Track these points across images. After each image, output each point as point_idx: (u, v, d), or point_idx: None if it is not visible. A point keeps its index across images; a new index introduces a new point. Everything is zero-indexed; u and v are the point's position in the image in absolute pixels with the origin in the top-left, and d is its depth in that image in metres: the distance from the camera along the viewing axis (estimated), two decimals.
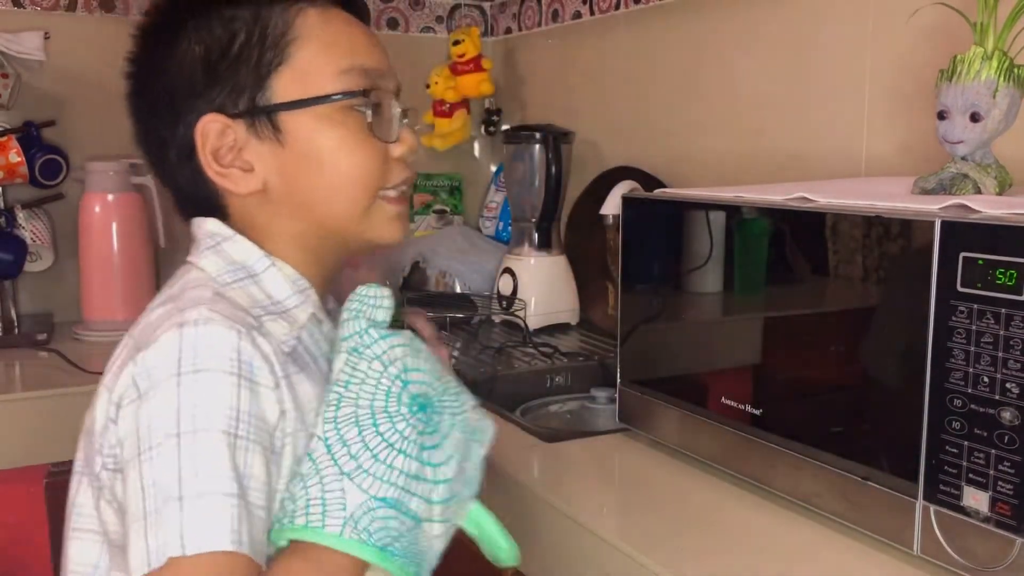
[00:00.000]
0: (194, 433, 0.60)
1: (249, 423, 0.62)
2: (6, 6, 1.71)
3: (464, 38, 1.97)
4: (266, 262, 0.73)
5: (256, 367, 0.63)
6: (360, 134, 0.73)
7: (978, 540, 0.68)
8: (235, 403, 0.61)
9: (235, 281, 0.71)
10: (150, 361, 0.62)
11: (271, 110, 0.71)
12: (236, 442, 0.61)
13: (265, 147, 0.72)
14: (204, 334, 0.62)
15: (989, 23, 0.80)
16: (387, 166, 0.75)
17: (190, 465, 0.59)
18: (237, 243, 0.73)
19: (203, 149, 0.71)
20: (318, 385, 0.70)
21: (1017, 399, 0.66)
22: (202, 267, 0.72)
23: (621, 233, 1.04)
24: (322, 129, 0.71)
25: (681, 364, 1.01)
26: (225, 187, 0.72)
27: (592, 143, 1.79)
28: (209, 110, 0.71)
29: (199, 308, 0.64)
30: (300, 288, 0.74)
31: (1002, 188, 0.83)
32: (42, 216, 1.72)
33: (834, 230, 0.80)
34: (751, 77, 1.41)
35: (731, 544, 0.80)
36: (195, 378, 0.61)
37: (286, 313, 0.72)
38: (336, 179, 0.72)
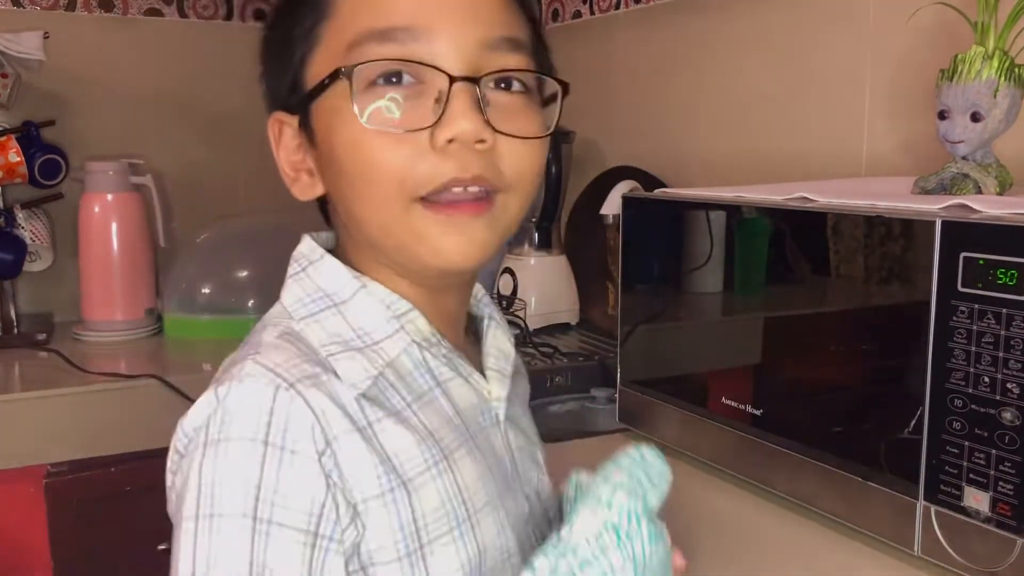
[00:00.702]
0: (211, 518, 0.50)
1: (273, 502, 0.50)
2: (6, 6, 1.71)
3: None
4: (355, 285, 0.60)
5: (293, 430, 0.51)
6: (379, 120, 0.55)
7: (979, 540, 0.68)
8: (257, 478, 0.50)
9: (313, 314, 0.59)
10: (187, 424, 0.54)
11: (302, 104, 0.58)
12: (256, 526, 0.50)
13: (311, 148, 0.60)
14: (237, 395, 0.52)
15: (989, 23, 0.80)
16: (423, 161, 0.54)
17: (204, 556, 0.50)
18: (324, 266, 0.61)
19: (276, 151, 0.62)
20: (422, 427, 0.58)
21: (1017, 399, 0.65)
22: (282, 299, 0.61)
23: (621, 233, 1.04)
24: (331, 121, 0.57)
25: (681, 364, 1.01)
26: (295, 194, 0.62)
27: (592, 143, 1.79)
28: (278, 108, 0.61)
29: (246, 362, 0.54)
30: (397, 312, 0.59)
31: (1003, 188, 0.83)
32: (42, 216, 1.72)
33: (834, 230, 0.80)
34: (751, 77, 1.41)
35: (731, 544, 0.80)
36: (219, 449, 0.51)
37: (372, 347, 0.58)
38: (352, 182, 0.56)
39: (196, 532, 0.50)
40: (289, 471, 0.51)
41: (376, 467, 0.54)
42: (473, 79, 0.55)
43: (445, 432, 0.59)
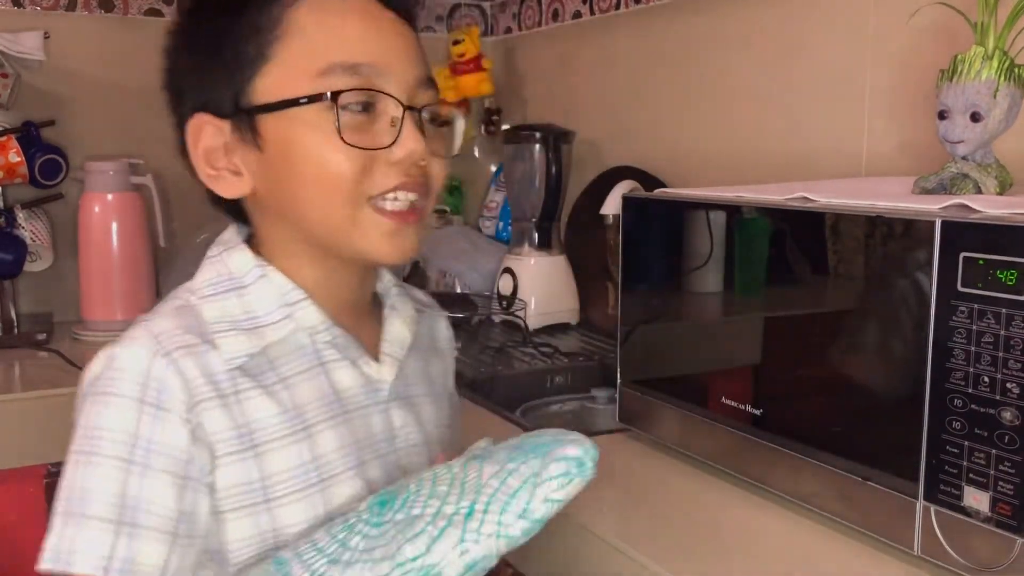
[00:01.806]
0: (88, 454, 0.62)
1: (148, 449, 0.62)
2: (6, 6, 1.71)
3: (464, 38, 1.97)
4: (256, 272, 0.71)
5: (167, 392, 0.63)
6: (330, 138, 0.66)
7: (979, 540, 0.68)
8: (133, 428, 0.62)
9: (216, 294, 0.70)
10: (87, 373, 0.65)
11: (250, 112, 0.68)
12: (130, 467, 0.61)
13: (249, 151, 0.69)
14: (119, 356, 0.64)
15: (989, 23, 0.80)
16: (374, 171, 0.67)
17: (81, 485, 0.61)
18: (236, 253, 0.72)
19: (195, 149, 0.70)
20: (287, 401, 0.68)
21: (1017, 399, 0.66)
22: (196, 276, 0.72)
23: (621, 233, 1.04)
24: (297, 133, 0.67)
25: (681, 364, 1.01)
26: (217, 191, 0.71)
27: (592, 143, 1.79)
28: (200, 110, 0.69)
29: (136, 326, 0.66)
30: (289, 301, 0.70)
31: (1003, 188, 0.83)
32: (42, 216, 1.72)
33: (834, 230, 0.80)
34: (751, 77, 1.41)
35: (731, 544, 0.80)
36: (97, 400, 0.63)
37: (256, 329, 0.69)
38: (310, 187, 0.67)
39: (76, 464, 0.62)
40: (162, 424, 0.62)
41: (231, 431, 0.65)
42: (416, 109, 0.69)
43: (314, 406, 0.69)
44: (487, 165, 2.21)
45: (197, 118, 0.69)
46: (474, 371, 1.39)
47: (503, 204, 2.04)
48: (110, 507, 0.61)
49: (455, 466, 0.65)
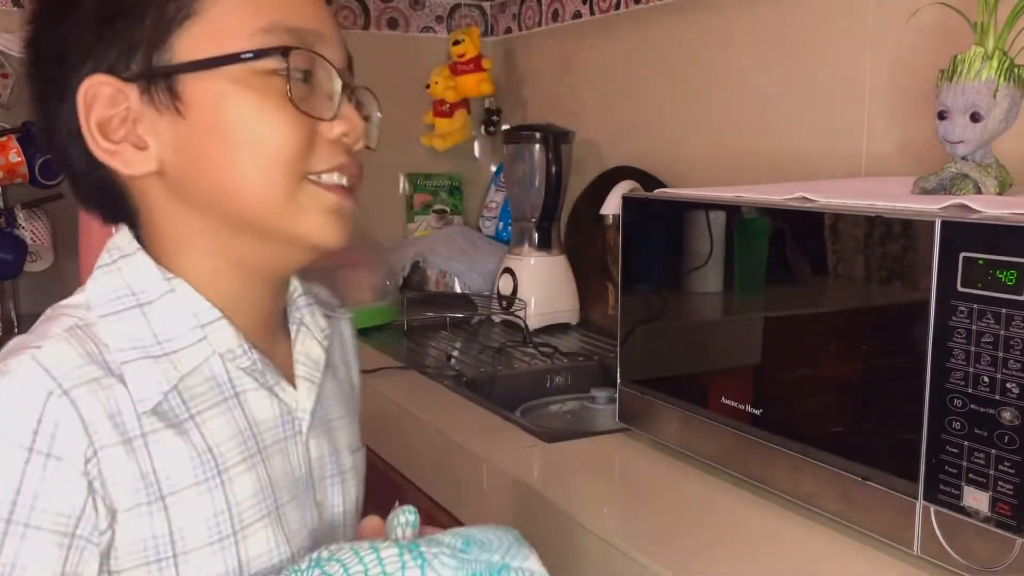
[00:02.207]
0: None
1: (32, 507, 0.51)
2: (6, 6, 1.71)
3: (464, 38, 1.97)
4: (162, 287, 0.60)
5: (61, 438, 0.52)
6: (281, 104, 0.58)
7: (978, 540, 0.68)
8: (17, 482, 0.51)
9: (116, 312, 0.59)
10: None
11: (170, 72, 0.57)
12: (9, 528, 0.51)
13: (163, 119, 0.58)
14: (6, 392, 0.52)
15: (989, 23, 0.80)
16: (317, 146, 0.60)
17: None
18: (135, 262, 0.61)
19: (87, 119, 0.58)
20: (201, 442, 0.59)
21: (1017, 399, 0.66)
22: (86, 290, 0.61)
23: (621, 233, 1.04)
24: (232, 95, 0.57)
25: (681, 364, 1.01)
26: (115, 167, 0.59)
27: (592, 143, 1.79)
28: (97, 71, 0.58)
29: (24, 354, 0.54)
30: (202, 321, 0.60)
31: (1002, 188, 0.83)
32: (42, 216, 1.72)
33: (834, 230, 0.80)
34: (751, 77, 1.41)
35: (731, 544, 0.80)
36: None
37: (172, 354, 0.59)
38: (247, 155, 0.58)
39: None
40: (53, 476, 0.52)
41: (136, 480, 0.55)
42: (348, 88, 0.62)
43: (229, 446, 0.60)
44: (487, 165, 2.21)
45: (93, 80, 0.57)
46: (474, 371, 1.39)
47: (503, 204, 2.04)
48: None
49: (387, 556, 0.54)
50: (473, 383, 1.34)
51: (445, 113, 2.04)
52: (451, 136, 2.06)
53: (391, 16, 2.08)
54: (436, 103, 2.05)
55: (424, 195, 2.14)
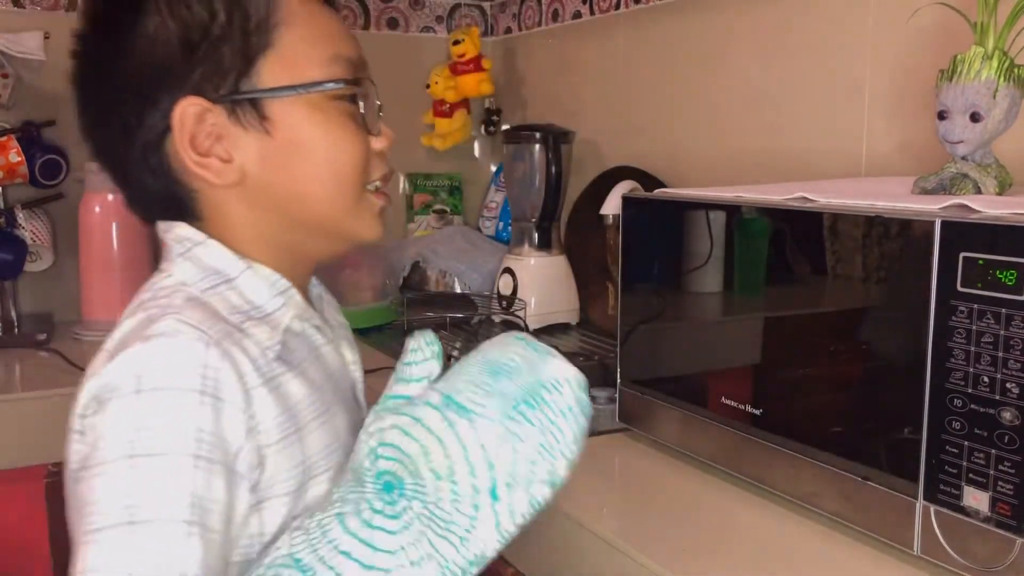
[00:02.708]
0: (150, 456, 0.56)
1: (212, 444, 0.57)
2: (6, 6, 1.71)
3: (464, 38, 1.97)
4: (241, 265, 0.68)
5: (223, 383, 0.59)
6: (346, 124, 0.69)
7: (978, 540, 0.68)
8: (200, 423, 0.57)
9: (212, 287, 0.67)
10: (112, 374, 0.58)
11: (258, 96, 0.66)
12: (198, 463, 0.56)
13: (249, 136, 0.67)
14: (169, 348, 0.59)
15: (989, 23, 0.80)
16: (371, 159, 0.72)
17: (144, 490, 0.55)
18: (209, 248, 0.68)
19: (181, 137, 0.65)
20: (312, 382, 0.68)
21: (1017, 399, 0.66)
22: (173, 274, 0.68)
23: (621, 233, 1.04)
24: (311, 117, 0.67)
25: (681, 364, 1.01)
26: (203, 178, 0.67)
27: (592, 143, 1.79)
28: (188, 93, 0.65)
29: (167, 319, 0.60)
30: (280, 290, 0.70)
31: (1002, 188, 0.83)
32: (42, 216, 1.72)
33: (834, 230, 0.80)
34: (751, 77, 1.41)
35: (731, 544, 0.80)
36: (156, 396, 0.57)
37: (267, 317, 0.68)
38: (326, 170, 0.69)
39: (133, 468, 0.55)
40: (221, 417, 0.59)
41: (278, 416, 0.63)
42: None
43: (326, 387, 0.71)
44: (487, 165, 2.21)
45: (186, 101, 0.65)
46: None
47: (503, 204, 2.04)
48: (186, 508, 0.56)
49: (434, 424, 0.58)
50: None
51: (445, 113, 2.04)
52: (451, 136, 2.06)
53: (391, 16, 2.08)
54: (436, 103, 2.05)
55: (424, 195, 2.14)
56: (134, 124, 0.67)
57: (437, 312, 1.71)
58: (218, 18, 0.66)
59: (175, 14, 0.65)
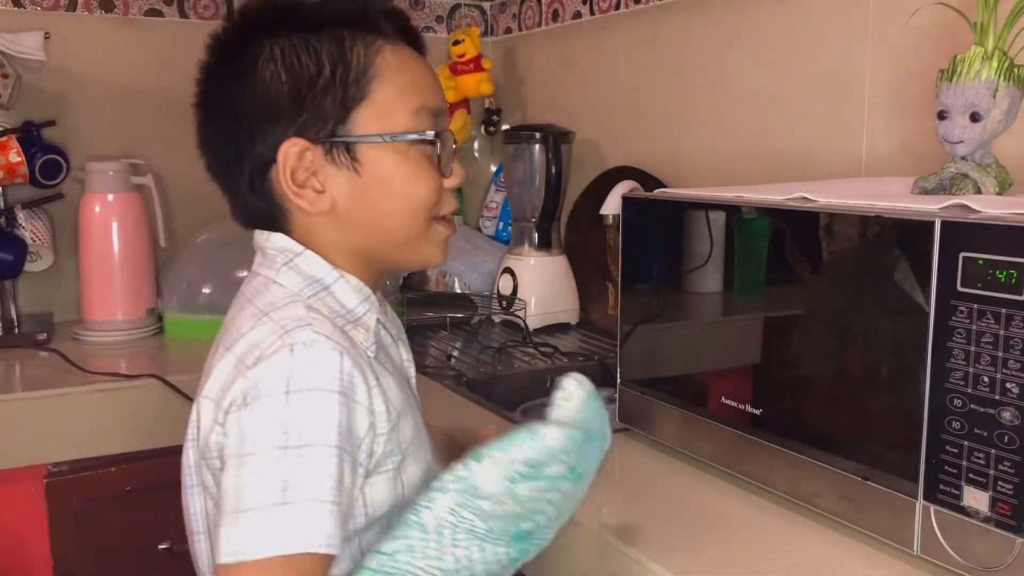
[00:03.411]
0: (301, 447, 0.65)
1: (348, 438, 0.68)
2: (6, 6, 1.71)
3: (464, 38, 1.97)
4: (335, 274, 0.78)
5: (356, 385, 0.69)
6: (424, 166, 0.78)
7: (978, 540, 0.68)
8: (340, 419, 0.67)
9: (314, 295, 0.76)
10: (261, 376, 0.67)
11: (352, 141, 0.76)
12: (341, 454, 0.67)
13: (341, 173, 0.76)
14: (312, 356, 0.68)
15: (989, 23, 0.80)
16: (442, 196, 0.81)
17: (297, 475, 0.65)
18: (308, 258, 0.78)
19: (284, 170, 0.75)
20: (396, 378, 0.79)
21: (1017, 399, 0.66)
22: (281, 283, 0.77)
23: (621, 233, 1.04)
24: (395, 162, 0.77)
25: (681, 364, 1.01)
26: (299, 206, 0.77)
27: (592, 143, 1.79)
28: (292, 135, 0.75)
29: (304, 330, 0.69)
30: (365, 296, 0.79)
31: (1002, 188, 0.83)
32: (42, 216, 1.72)
33: (834, 230, 0.80)
34: (751, 77, 1.41)
35: (731, 544, 0.80)
36: (304, 396, 0.67)
37: (359, 320, 0.78)
38: (404, 205, 0.78)
39: (286, 457, 0.65)
40: (354, 415, 0.69)
41: (386, 411, 0.73)
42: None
43: (402, 382, 0.81)
44: (487, 165, 2.21)
45: (291, 141, 0.75)
46: (474, 371, 1.39)
47: (503, 204, 2.04)
48: (332, 490, 0.65)
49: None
50: (473, 383, 1.34)
51: None
52: None
53: None
54: None
55: None
56: (245, 152, 0.77)
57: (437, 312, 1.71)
58: (323, 73, 0.75)
59: (287, 66, 0.75)
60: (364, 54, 0.77)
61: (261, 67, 0.76)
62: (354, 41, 0.77)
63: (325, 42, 0.76)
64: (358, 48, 0.76)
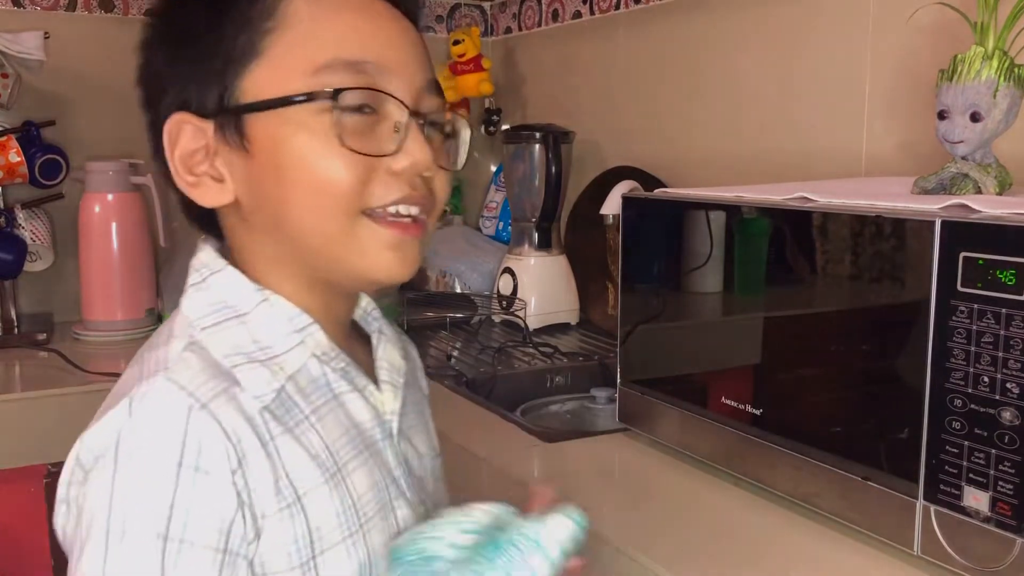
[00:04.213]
0: (122, 534, 0.52)
1: (186, 521, 0.52)
2: (6, 6, 1.71)
3: (464, 38, 1.97)
4: (256, 298, 0.62)
5: (206, 450, 0.53)
6: (334, 143, 0.59)
7: (978, 540, 0.68)
8: (170, 498, 0.52)
9: (216, 324, 0.61)
10: (93, 440, 0.54)
11: (237, 111, 0.60)
12: (167, 545, 0.52)
13: (235, 155, 0.60)
14: (149, 412, 0.54)
15: (989, 23, 0.80)
16: (374, 181, 0.60)
17: (115, 569, 0.51)
18: (226, 276, 0.63)
19: (171, 153, 0.61)
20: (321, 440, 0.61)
21: (1017, 399, 0.66)
22: (183, 309, 0.63)
23: (621, 233, 1.04)
24: (289, 135, 0.59)
25: (681, 364, 1.01)
26: (194, 199, 0.62)
27: (592, 143, 1.79)
28: (179, 108, 0.61)
29: (155, 378, 0.55)
30: (298, 327, 0.62)
31: (1002, 188, 0.83)
32: (42, 216, 1.72)
33: (834, 230, 0.80)
34: (751, 77, 1.41)
35: (731, 544, 0.80)
36: (131, 467, 0.53)
37: (273, 358, 0.60)
38: (300, 193, 0.59)
39: (107, 549, 0.51)
40: (203, 491, 0.53)
41: (275, 483, 0.56)
42: (421, 115, 0.62)
43: (342, 443, 0.62)
44: (487, 165, 2.21)
45: (176, 117, 0.60)
46: (474, 371, 1.39)
47: (503, 204, 2.04)
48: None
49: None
50: (473, 383, 1.34)
51: None
52: None
53: None
54: None
55: None
56: (152, 137, 0.64)
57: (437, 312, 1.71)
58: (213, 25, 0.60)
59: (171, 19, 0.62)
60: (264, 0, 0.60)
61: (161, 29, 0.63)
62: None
63: None
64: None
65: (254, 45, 0.59)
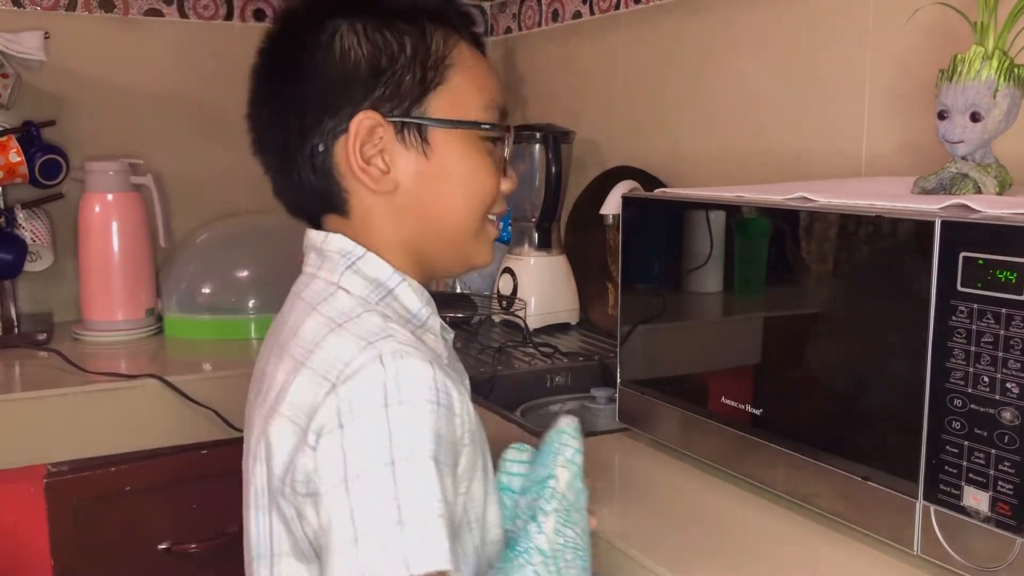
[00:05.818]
0: (408, 460, 0.63)
1: (446, 448, 0.66)
2: (6, 6, 1.71)
3: None
4: (397, 277, 0.76)
5: (451, 395, 0.67)
6: (488, 162, 0.79)
7: (978, 540, 0.68)
8: (437, 430, 0.65)
9: (380, 299, 0.75)
10: (354, 393, 0.65)
11: (425, 123, 0.76)
12: (440, 467, 0.64)
13: (410, 154, 0.76)
14: (405, 368, 0.66)
15: (989, 23, 0.80)
16: (497, 195, 0.81)
17: (408, 491, 0.62)
18: (370, 260, 0.76)
19: (354, 142, 0.74)
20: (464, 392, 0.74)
21: (1017, 399, 0.66)
22: (347, 288, 0.75)
23: (621, 233, 1.04)
24: (463, 152, 0.77)
25: (681, 364, 1.01)
26: (362, 182, 0.75)
27: (592, 143, 1.79)
28: (367, 107, 0.74)
29: (388, 341, 0.67)
30: (426, 299, 0.78)
31: (1002, 188, 0.83)
32: (42, 216, 1.72)
33: (834, 230, 0.80)
34: (751, 77, 1.41)
35: (731, 544, 0.80)
36: (403, 409, 0.64)
37: (425, 325, 0.77)
38: (464, 198, 0.78)
39: (394, 473, 0.62)
40: (451, 425, 0.67)
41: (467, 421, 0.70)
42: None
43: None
44: None
45: (365, 115, 0.74)
46: (474, 371, 1.39)
47: None
48: (440, 503, 0.63)
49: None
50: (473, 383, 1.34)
51: None
52: None
53: None
54: None
55: None
56: (310, 125, 0.75)
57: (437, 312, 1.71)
58: (405, 51, 0.75)
59: (369, 39, 0.75)
60: (443, 44, 0.77)
61: (341, 39, 0.75)
62: (434, 30, 0.77)
63: (406, 24, 0.76)
64: (437, 37, 0.77)
65: (441, 75, 0.77)
